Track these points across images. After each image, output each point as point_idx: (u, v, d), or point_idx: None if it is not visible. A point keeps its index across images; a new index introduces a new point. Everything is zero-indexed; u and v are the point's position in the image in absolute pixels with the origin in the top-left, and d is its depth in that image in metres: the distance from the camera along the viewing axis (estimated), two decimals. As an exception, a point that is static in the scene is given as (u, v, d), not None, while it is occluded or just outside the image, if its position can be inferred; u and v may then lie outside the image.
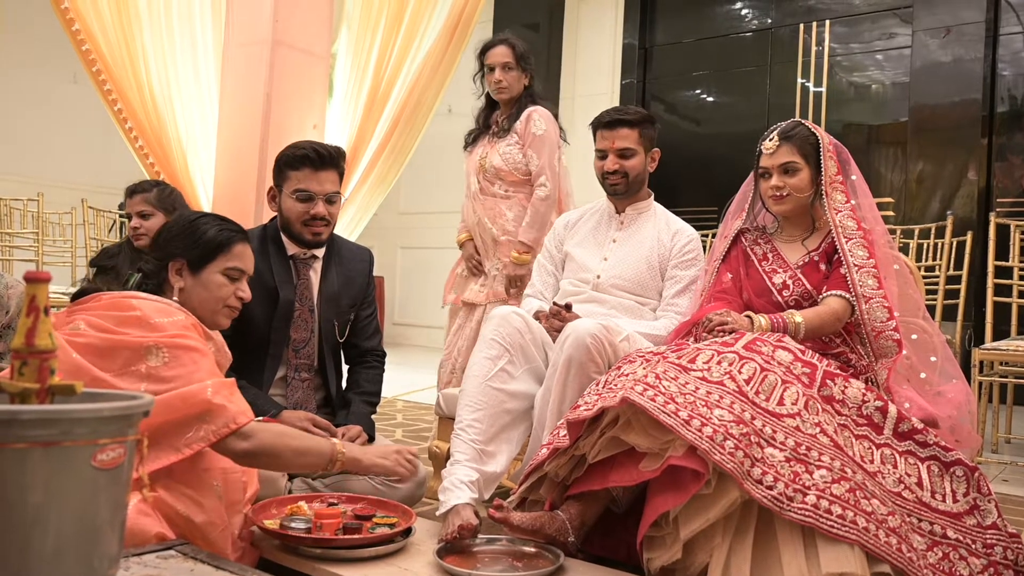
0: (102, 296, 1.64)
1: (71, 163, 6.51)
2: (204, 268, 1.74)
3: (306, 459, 1.66)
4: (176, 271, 1.73)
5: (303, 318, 2.21)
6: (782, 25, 5.98)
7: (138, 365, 1.50)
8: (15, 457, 0.87)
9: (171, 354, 1.52)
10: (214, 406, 1.49)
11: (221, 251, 1.75)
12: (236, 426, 1.50)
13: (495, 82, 3.05)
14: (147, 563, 1.25)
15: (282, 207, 2.19)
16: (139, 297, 1.63)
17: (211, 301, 1.73)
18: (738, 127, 6.01)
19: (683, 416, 1.58)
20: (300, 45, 3.35)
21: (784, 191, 2.08)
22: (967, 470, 1.70)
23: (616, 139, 2.39)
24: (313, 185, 2.14)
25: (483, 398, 2.05)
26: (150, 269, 1.75)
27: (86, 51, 3.31)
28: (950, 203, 5.02)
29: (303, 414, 2.11)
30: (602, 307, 2.36)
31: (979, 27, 5.01)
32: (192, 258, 1.73)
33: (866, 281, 2.00)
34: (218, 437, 1.49)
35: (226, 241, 1.76)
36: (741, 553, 1.56)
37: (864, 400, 1.75)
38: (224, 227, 1.78)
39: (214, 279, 1.74)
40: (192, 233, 1.75)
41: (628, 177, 2.41)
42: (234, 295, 1.77)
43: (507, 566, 1.67)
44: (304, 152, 2.14)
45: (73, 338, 1.52)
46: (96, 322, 1.56)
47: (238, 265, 1.77)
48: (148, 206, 2.79)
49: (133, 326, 1.55)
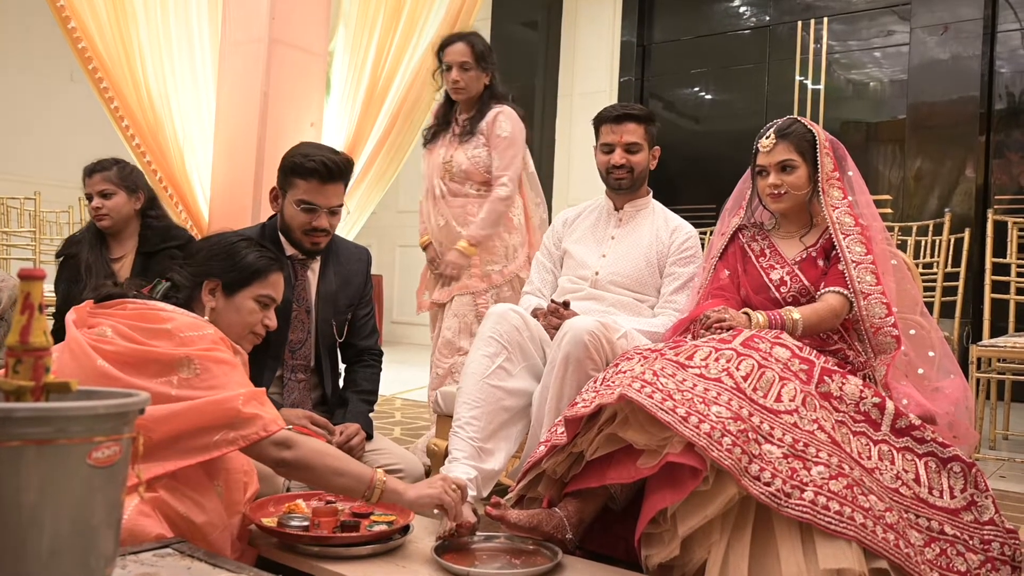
0: (127, 303, 1.63)
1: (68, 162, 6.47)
2: (238, 292, 1.75)
3: (342, 480, 1.62)
4: (209, 291, 1.74)
5: (300, 319, 2.20)
6: (780, 22, 5.98)
7: (169, 376, 1.50)
8: (9, 456, 0.87)
9: (202, 366, 1.52)
10: (245, 414, 1.49)
11: (258, 278, 1.77)
12: (267, 433, 1.50)
13: (452, 81, 2.94)
14: (144, 561, 1.25)
15: (284, 212, 2.17)
16: (170, 310, 1.63)
17: (239, 326, 1.74)
18: (736, 124, 6.01)
19: (681, 413, 1.57)
20: (297, 43, 3.34)
21: (782, 189, 2.08)
22: (964, 466, 1.70)
23: (624, 133, 2.39)
24: (319, 198, 2.12)
25: (481, 396, 2.05)
26: (181, 281, 1.75)
27: (82, 49, 3.29)
28: (948, 200, 5.02)
29: (301, 412, 2.11)
30: (600, 304, 2.36)
31: (977, 24, 5.01)
32: (228, 280, 1.75)
33: (864, 277, 2.00)
34: (248, 442, 1.49)
35: (264, 268, 1.78)
36: (739, 550, 1.56)
37: (862, 397, 1.75)
38: (263, 254, 1.80)
39: (246, 304, 1.76)
40: (232, 256, 1.76)
41: (634, 172, 2.42)
42: (261, 322, 1.79)
43: (505, 563, 1.66)
44: (315, 165, 2.10)
45: (99, 344, 1.51)
46: (124, 331, 1.55)
47: (271, 293, 1.79)
48: (109, 184, 2.68)
49: (164, 339, 1.55)
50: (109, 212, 2.68)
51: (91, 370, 1.47)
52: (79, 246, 2.72)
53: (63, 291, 2.70)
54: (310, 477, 1.64)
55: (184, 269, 1.78)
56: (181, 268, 1.78)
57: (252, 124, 3.24)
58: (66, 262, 2.73)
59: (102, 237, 2.73)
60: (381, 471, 1.68)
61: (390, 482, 1.66)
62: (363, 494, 1.63)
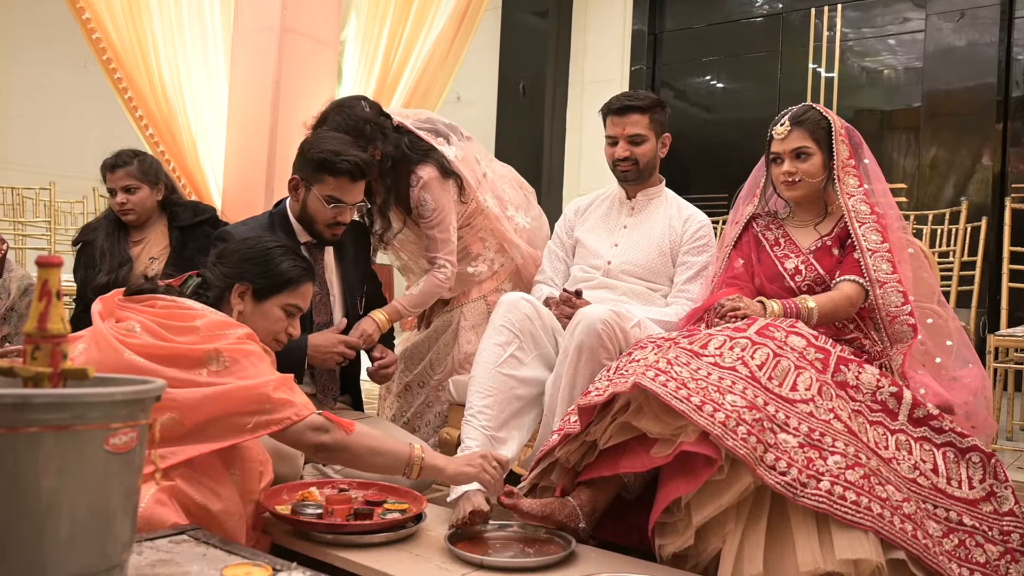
0: (157, 300, 1.64)
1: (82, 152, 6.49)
2: (268, 299, 1.77)
3: (381, 459, 1.65)
4: (239, 294, 1.76)
5: (323, 302, 2.25)
6: (793, 10, 5.92)
7: (199, 369, 1.52)
8: (28, 441, 0.87)
9: (231, 358, 1.53)
10: (276, 400, 1.51)
11: (289, 287, 1.79)
12: (299, 417, 1.52)
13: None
14: (160, 548, 1.26)
15: (307, 204, 2.18)
16: (199, 308, 1.64)
17: (263, 332, 1.75)
18: (749, 113, 5.97)
19: (695, 402, 1.57)
20: (309, 32, 3.33)
21: (796, 176, 2.07)
22: (983, 456, 1.69)
23: (627, 125, 2.37)
24: (347, 196, 2.16)
25: (493, 384, 2.04)
26: (212, 280, 1.76)
27: (96, 39, 3.30)
28: (964, 189, 4.97)
29: (333, 336, 2.16)
30: (613, 293, 2.35)
31: (994, 10, 4.95)
32: (259, 286, 1.76)
33: (880, 266, 1.98)
34: (280, 426, 1.51)
35: (297, 279, 1.80)
36: (754, 539, 1.55)
37: (878, 386, 1.74)
38: (297, 263, 1.81)
39: (273, 312, 1.77)
40: (267, 262, 1.78)
41: (639, 164, 2.40)
42: (285, 331, 1.80)
43: (518, 552, 1.66)
44: (348, 167, 2.12)
45: (127, 338, 1.52)
46: (153, 328, 1.55)
47: (299, 303, 1.81)
48: (132, 179, 2.68)
49: (193, 335, 1.56)
50: (134, 207, 2.69)
51: (118, 362, 1.48)
52: (95, 233, 2.73)
53: (80, 278, 2.72)
54: (349, 459, 1.66)
55: (216, 268, 1.79)
56: (214, 266, 1.80)
57: (264, 113, 3.24)
58: (83, 249, 2.75)
59: (120, 223, 2.74)
60: (419, 446, 1.70)
61: (429, 458, 1.68)
62: (403, 471, 1.65)
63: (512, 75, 6.73)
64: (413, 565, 1.55)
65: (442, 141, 2.50)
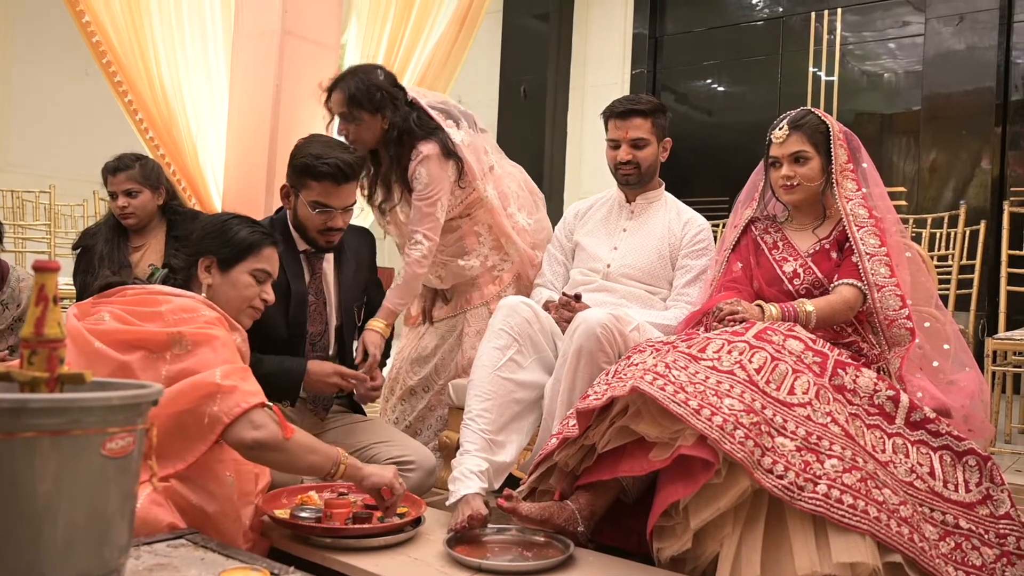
0: (127, 290, 1.66)
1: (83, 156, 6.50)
2: (233, 267, 1.78)
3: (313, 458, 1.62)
4: (205, 268, 1.77)
5: (318, 311, 2.21)
6: (793, 13, 5.93)
7: (163, 353, 1.53)
8: (25, 446, 0.87)
9: (194, 341, 1.55)
10: (224, 387, 1.50)
11: (251, 252, 1.80)
12: (248, 406, 1.50)
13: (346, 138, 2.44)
14: (158, 552, 1.26)
15: (298, 211, 2.16)
16: (167, 292, 1.66)
17: (237, 300, 1.77)
18: (749, 117, 5.98)
19: (693, 405, 1.57)
20: (310, 35, 3.34)
21: (794, 180, 2.07)
22: (980, 460, 1.69)
23: (629, 129, 2.37)
24: (333, 200, 2.11)
25: (492, 388, 2.05)
26: (178, 264, 1.79)
27: (96, 43, 3.31)
28: (963, 192, 4.98)
29: (330, 366, 2.13)
30: (612, 296, 2.35)
31: (993, 14, 4.96)
32: (222, 256, 1.77)
33: (878, 269, 1.98)
34: (231, 418, 1.48)
35: (256, 243, 1.81)
36: (751, 543, 1.55)
37: (876, 389, 1.74)
38: (255, 229, 1.83)
39: (242, 279, 1.78)
40: (224, 232, 1.79)
41: (641, 168, 2.40)
42: (259, 297, 1.81)
43: (517, 556, 1.67)
44: (329, 169, 2.07)
45: (96, 327, 1.55)
46: (121, 315, 1.58)
47: (266, 267, 1.82)
48: (134, 183, 2.67)
49: (158, 320, 1.57)
50: (135, 211, 2.69)
51: (90, 353, 1.50)
52: (95, 238, 2.73)
53: (80, 282, 2.73)
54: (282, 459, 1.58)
55: (180, 252, 1.82)
56: (177, 252, 1.82)
57: (265, 117, 3.25)
58: (83, 254, 2.75)
59: (120, 229, 2.74)
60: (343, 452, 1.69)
61: (350, 460, 1.68)
62: (329, 470, 1.64)
63: (513, 79, 6.74)
64: (412, 569, 1.55)
65: (451, 124, 2.50)
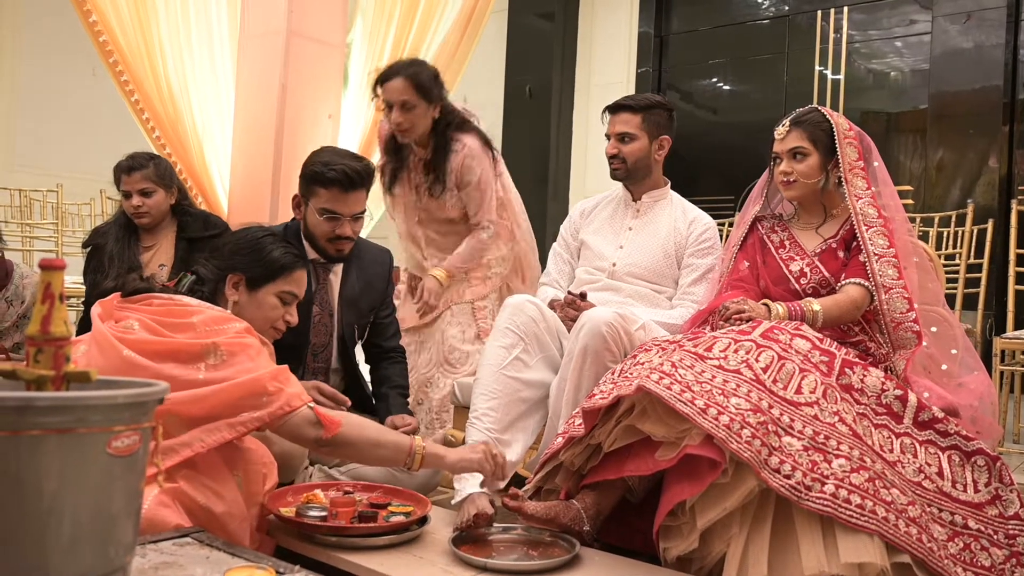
0: (154, 299, 1.65)
1: (90, 155, 6.53)
2: (261, 287, 1.78)
3: (382, 451, 1.65)
4: (233, 284, 1.76)
5: (323, 322, 2.21)
6: (799, 12, 5.91)
7: (198, 364, 1.52)
8: (30, 444, 0.87)
9: (229, 351, 1.54)
10: (270, 391, 1.51)
11: (282, 274, 1.79)
12: (291, 408, 1.52)
13: (395, 123, 2.60)
14: (163, 550, 1.26)
15: (307, 220, 2.16)
16: (195, 304, 1.64)
17: (260, 320, 1.76)
18: (755, 115, 5.96)
19: (699, 405, 1.56)
20: (315, 35, 3.35)
21: (792, 176, 2.07)
22: (989, 460, 1.68)
23: (616, 123, 2.40)
24: (341, 207, 2.11)
25: (498, 387, 2.04)
26: (206, 275, 1.77)
27: (103, 42, 3.33)
28: (970, 191, 4.95)
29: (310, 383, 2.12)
30: (618, 295, 2.35)
31: (1000, 12, 4.93)
32: (252, 275, 1.77)
33: (886, 271, 1.97)
34: (273, 418, 1.51)
35: (289, 265, 1.80)
36: (759, 543, 1.55)
37: (883, 389, 1.73)
38: (288, 250, 1.82)
39: (268, 300, 1.78)
40: (258, 251, 1.79)
41: (627, 162, 2.40)
42: (282, 318, 1.81)
43: (522, 555, 1.66)
44: (335, 175, 2.07)
45: (126, 335, 1.53)
46: (151, 325, 1.56)
47: (294, 290, 1.82)
48: (148, 183, 2.65)
49: (190, 332, 1.56)
50: (150, 210, 2.68)
51: (118, 360, 1.49)
52: (105, 236, 2.72)
53: (89, 281, 2.73)
54: (351, 452, 1.66)
55: (209, 263, 1.80)
56: (207, 262, 1.80)
57: (270, 116, 3.26)
58: (93, 252, 2.75)
59: (130, 228, 2.74)
60: (419, 437, 1.69)
61: (430, 447, 1.68)
62: (404, 462, 1.64)
63: (518, 78, 6.74)
64: (417, 568, 1.55)
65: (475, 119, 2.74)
